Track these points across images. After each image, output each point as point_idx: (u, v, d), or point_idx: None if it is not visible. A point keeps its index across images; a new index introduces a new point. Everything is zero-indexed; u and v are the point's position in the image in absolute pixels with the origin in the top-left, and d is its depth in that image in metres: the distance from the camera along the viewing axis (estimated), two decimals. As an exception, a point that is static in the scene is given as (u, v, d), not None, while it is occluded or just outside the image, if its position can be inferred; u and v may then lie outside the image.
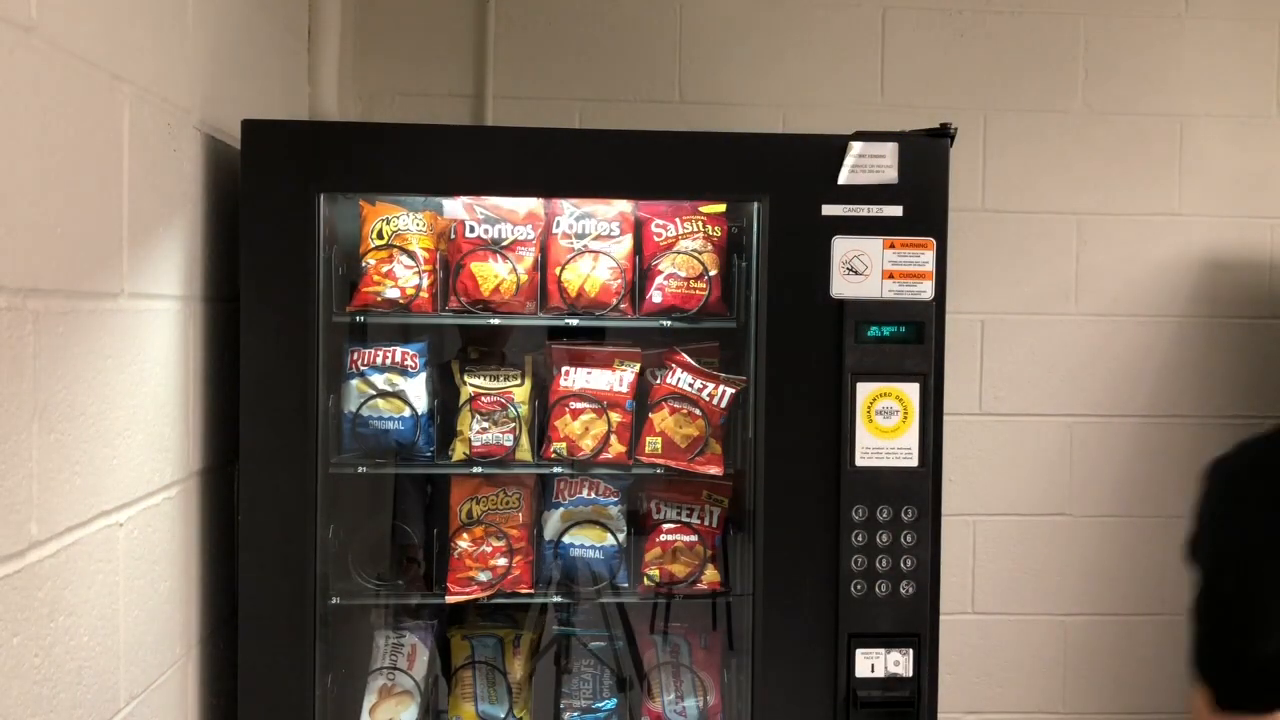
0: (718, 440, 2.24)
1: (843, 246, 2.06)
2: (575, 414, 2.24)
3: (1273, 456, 1.25)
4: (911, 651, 2.09)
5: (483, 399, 2.24)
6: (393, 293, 2.18)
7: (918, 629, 2.09)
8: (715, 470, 2.23)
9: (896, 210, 2.07)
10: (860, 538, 2.06)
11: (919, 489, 2.08)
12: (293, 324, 2.02)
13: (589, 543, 2.26)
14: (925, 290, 2.07)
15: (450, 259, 2.25)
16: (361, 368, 2.23)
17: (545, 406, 2.27)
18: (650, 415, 2.26)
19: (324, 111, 2.57)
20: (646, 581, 2.26)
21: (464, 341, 2.45)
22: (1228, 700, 1.18)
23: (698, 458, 2.22)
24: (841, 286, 2.07)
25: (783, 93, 2.84)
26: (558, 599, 2.31)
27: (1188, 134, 2.92)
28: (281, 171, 2.01)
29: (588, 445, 2.22)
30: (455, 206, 2.29)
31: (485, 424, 2.23)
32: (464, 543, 2.26)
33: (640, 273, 2.26)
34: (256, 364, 2.01)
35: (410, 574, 2.38)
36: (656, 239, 2.26)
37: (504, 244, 2.24)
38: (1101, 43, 2.92)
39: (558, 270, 2.23)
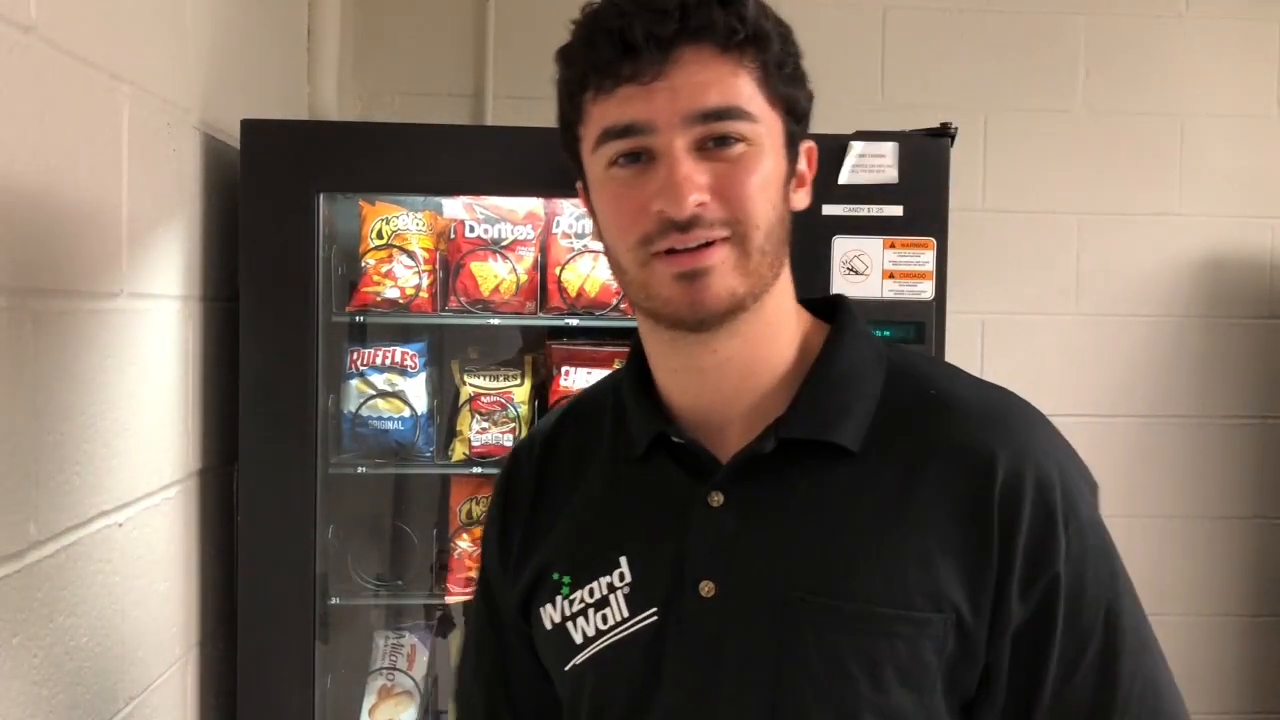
0: (718, 440, 2.24)
1: (843, 246, 2.06)
2: (575, 414, 2.24)
3: None
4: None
5: (482, 399, 2.24)
6: (392, 293, 2.18)
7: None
8: (715, 470, 2.23)
9: (896, 210, 2.06)
10: (860, 538, 2.05)
11: (919, 489, 2.08)
12: (293, 324, 2.02)
13: (589, 543, 2.26)
14: (925, 290, 2.07)
15: (450, 259, 2.24)
16: (361, 368, 2.24)
17: (545, 406, 2.27)
18: (650, 415, 2.25)
19: (324, 111, 2.56)
20: (646, 581, 2.26)
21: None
22: None
23: (698, 458, 2.22)
24: (841, 286, 2.06)
25: (783, 93, 2.84)
26: (558, 599, 2.31)
27: (1188, 134, 2.92)
28: (281, 171, 2.01)
29: (588, 445, 2.22)
30: (455, 206, 2.29)
31: (485, 424, 2.23)
32: (464, 543, 2.26)
33: (640, 273, 2.25)
34: (256, 364, 2.01)
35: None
36: (656, 239, 2.26)
37: (504, 244, 2.24)
38: (1101, 43, 2.92)
39: (558, 270, 2.23)
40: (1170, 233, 2.92)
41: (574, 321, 2.24)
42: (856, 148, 2.06)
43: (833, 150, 2.06)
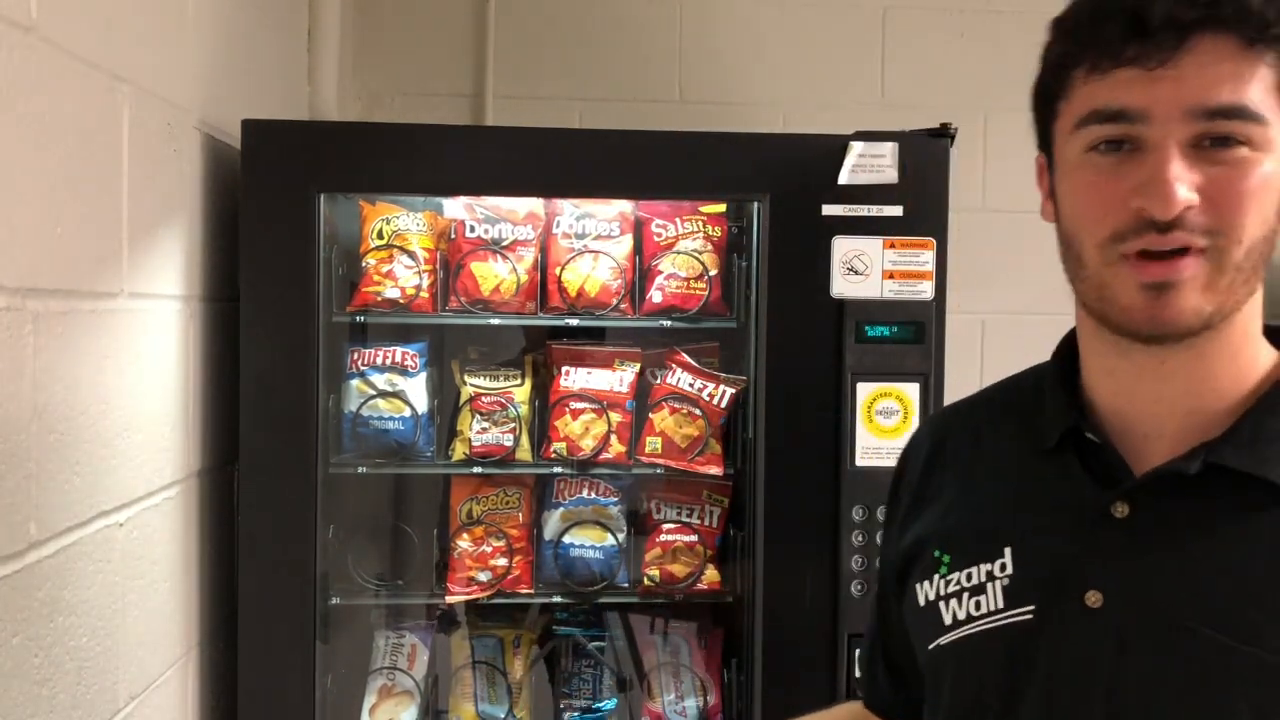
0: (718, 440, 2.24)
1: (843, 246, 2.06)
2: (575, 414, 2.24)
3: None
4: (911, 651, 2.08)
5: (483, 399, 2.24)
6: (393, 293, 2.18)
7: (918, 629, 2.09)
8: (715, 470, 2.23)
9: (896, 210, 2.07)
10: (860, 538, 2.06)
11: (919, 489, 2.08)
12: (293, 324, 2.02)
13: (589, 543, 2.26)
14: (925, 290, 2.07)
15: (450, 259, 2.25)
16: (361, 368, 2.24)
17: (545, 406, 2.27)
18: (650, 415, 2.26)
19: (324, 111, 2.56)
20: (646, 581, 2.26)
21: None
22: None
23: (698, 458, 2.22)
24: (841, 286, 2.07)
25: (783, 93, 2.84)
26: (558, 599, 2.31)
27: (1188, 134, 2.91)
28: (281, 171, 2.01)
29: (588, 445, 2.22)
30: (455, 206, 2.29)
31: (485, 424, 2.23)
32: (464, 543, 2.26)
33: (640, 273, 2.25)
34: (256, 364, 2.01)
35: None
36: (656, 239, 2.26)
37: (504, 244, 2.24)
38: (1101, 43, 2.91)
39: (558, 270, 2.23)
40: (1170, 233, 2.92)
41: (574, 321, 2.24)
42: (856, 148, 2.06)
43: (833, 150, 2.06)
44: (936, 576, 1.04)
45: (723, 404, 2.23)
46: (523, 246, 2.25)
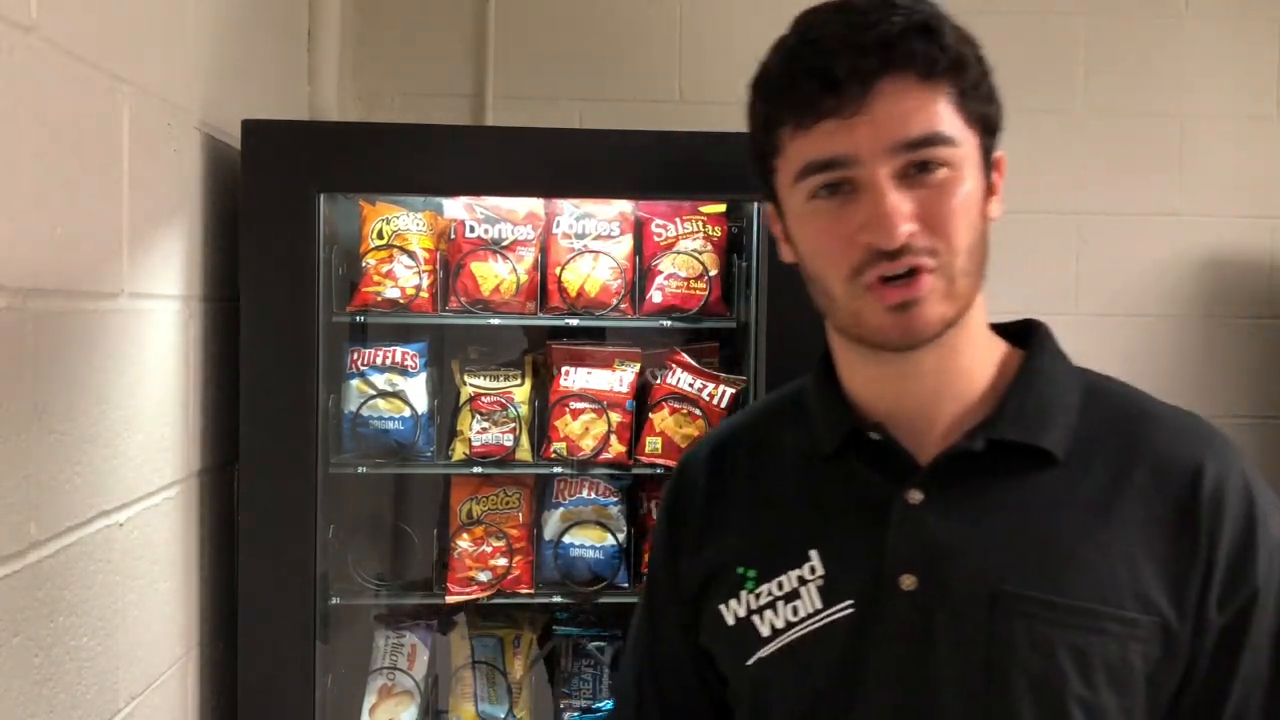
0: (718, 440, 2.24)
1: (843, 246, 2.06)
2: (575, 414, 2.24)
3: None
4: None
5: (483, 399, 2.24)
6: (393, 293, 2.18)
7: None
8: (715, 470, 2.23)
9: (896, 210, 2.06)
10: (860, 538, 2.05)
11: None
12: (293, 324, 2.02)
13: (589, 543, 2.26)
14: (925, 290, 2.07)
15: (450, 259, 2.25)
16: (361, 368, 2.24)
17: (545, 406, 2.27)
18: (650, 415, 2.26)
19: (324, 111, 2.57)
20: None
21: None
22: None
23: (698, 458, 2.22)
24: (841, 286, 2.06)
25: (783, 93, 2.84)
26: (558, 599, 2.31)
27: (1188, 134, 2.92)
28: (281, 171, 2.01)
29: (588, 445, 2.22)
30: (455, 206, 2.29)
31: (485, 424, 2.23)
32: (464, 543, 2.26)
33: (640, 273, 2.26)
34: (256, 364, 2.01)
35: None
36: (656, 239, 2.26)
37: (504, 244, 2.24)
38: (1101, 42, 2.91)
39: (558, 270, 2.23)
40: (1170, 233, 2.92)
41: (574, 321, 2.24)
42: (856, 148, 2.05)
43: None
44: (744, 593, 1.08)
45: (723, 404, 2.23)
46: (523, 246, 2.25)
